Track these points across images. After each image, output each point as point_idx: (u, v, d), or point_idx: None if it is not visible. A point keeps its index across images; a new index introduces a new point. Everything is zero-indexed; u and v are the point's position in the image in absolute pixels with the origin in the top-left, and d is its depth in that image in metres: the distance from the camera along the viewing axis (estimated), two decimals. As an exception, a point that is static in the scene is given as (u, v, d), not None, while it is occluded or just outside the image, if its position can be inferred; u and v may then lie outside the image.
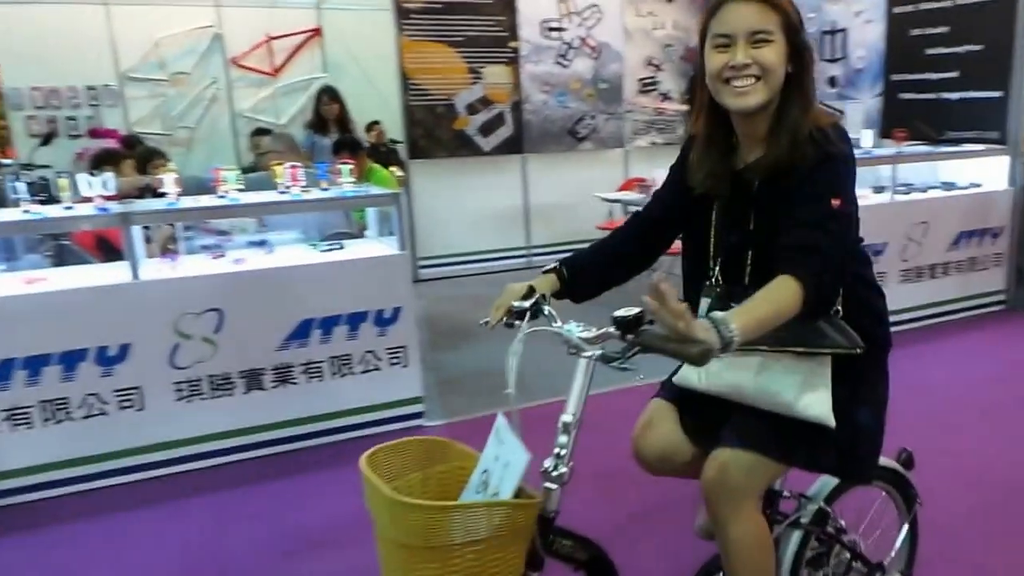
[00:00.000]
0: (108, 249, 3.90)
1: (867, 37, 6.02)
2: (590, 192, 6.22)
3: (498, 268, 6.64)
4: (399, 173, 5.97)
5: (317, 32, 7.09)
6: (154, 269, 3.36)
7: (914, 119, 5.56)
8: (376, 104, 6.84)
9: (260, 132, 6.31)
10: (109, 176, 3.23)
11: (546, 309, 1.67)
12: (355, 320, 3.56)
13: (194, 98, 6.68)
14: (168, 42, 6.49)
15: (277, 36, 6.90)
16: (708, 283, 1.71)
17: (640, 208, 1.92)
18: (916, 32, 5.55)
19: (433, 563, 1.30)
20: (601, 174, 6.82)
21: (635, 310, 1.53)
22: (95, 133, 6.27)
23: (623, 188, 6.39)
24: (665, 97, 7.44)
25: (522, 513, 1.36)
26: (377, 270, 3.63)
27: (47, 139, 6.24)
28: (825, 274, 1.47)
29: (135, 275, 3.22)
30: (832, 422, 1.62)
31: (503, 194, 6.96)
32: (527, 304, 1.68)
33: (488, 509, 1.33)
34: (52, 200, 3.40)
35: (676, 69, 7.43)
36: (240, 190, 3.58)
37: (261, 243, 3.94)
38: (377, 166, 5.52)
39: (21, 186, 3.26)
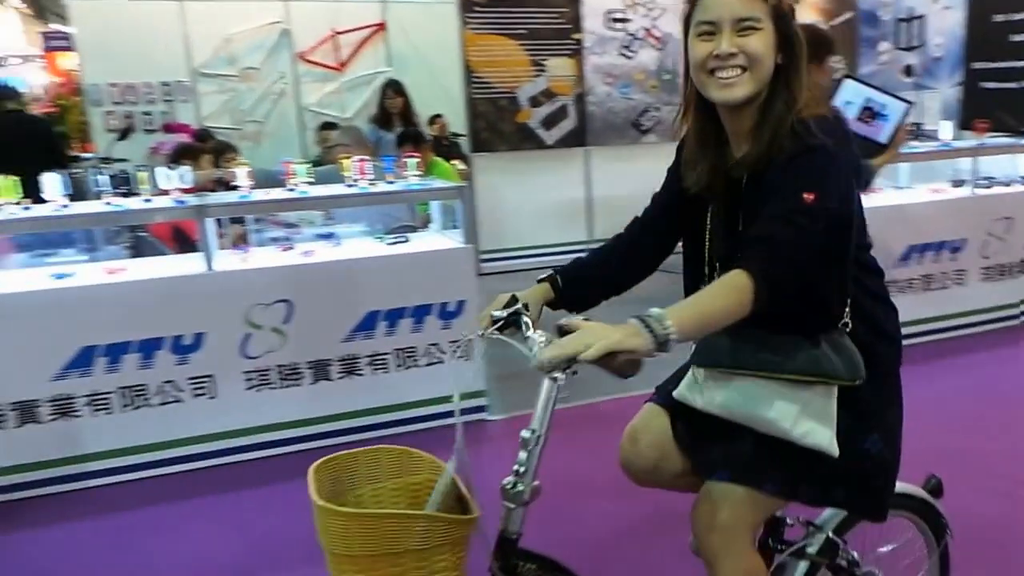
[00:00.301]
0: (183, 240, 3.99)
1: (946, 24, 5.78)
2: (654, 185, 6.02)
3: (560, 262, 6.55)
4: (460, 167, 5.96)
5: (382, 26, 7.12)
6: (227, 260, 3.42)
7: (996, 109, 5.31)
8: (439, 97, 6.84)
9: (327, 126, 6.37)
10: (186, 170, 3.30)
11: (525, 319, 1.57)
12: (420, 313, 3.57)
13: (263, 93, 6.77)
14: (238, 38, 6.59)
15: (343, 31, 6.95)
16: None
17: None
18: (999, 18, 5.30)
19: (358, 571, 1.26)
20: (665, 167, 6.66)
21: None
22: (169, 128, 6.41)
23: (687, 181, 6.25)
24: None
25: (443, 527, 1.28)
26: (442, 263, 3.63)
27: (124, 134, 6.42)
28: (782, 270, 1.34)
29: (209, 266, 3.28)
30: (835, 451, 1.49)
31: (565, 187, 6.89)
32: (503, 314, 1.60)
33: (401, 521, 1.27)
34: (131, 193, 3.49)
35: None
36: (309, 183, 3.61)
37: (328, 235, 3.97)
38: (439, 159, 5.53)
39: (104, 179, 3.35)
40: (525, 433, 1.32)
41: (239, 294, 3.28)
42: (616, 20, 6.78)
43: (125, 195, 3.45)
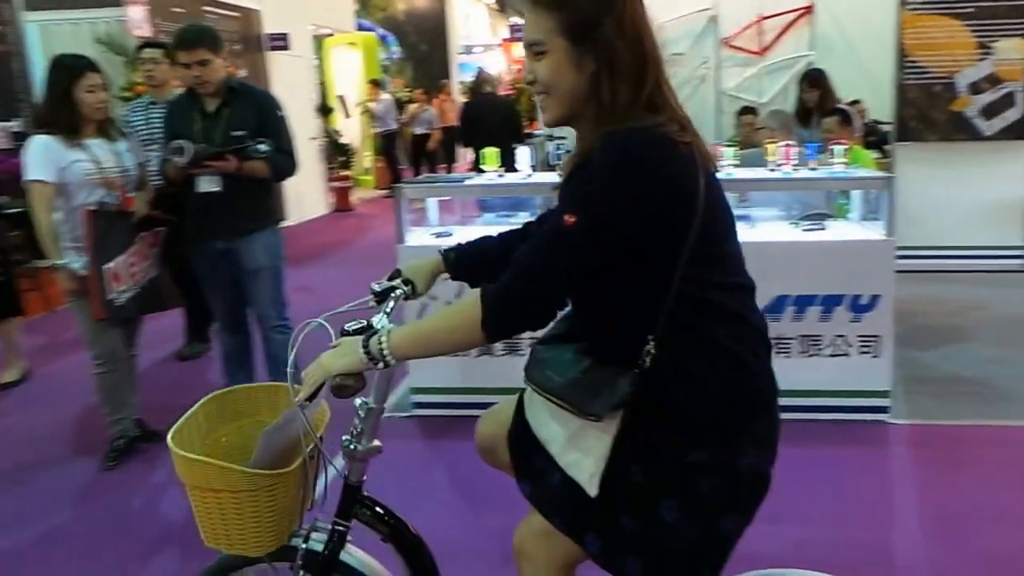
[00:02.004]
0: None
1: None
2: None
3: (990, 267, 5.72)
4: (875, 155, 5.47)
5: (809, 9, 6.79)
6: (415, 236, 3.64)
7: None
8: (862, 83, 6.33)
9: (746, 111, 6.31)
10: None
11: (397, 293, 1.60)
12: (830, 302, 3.41)
13: (686, 78, 6.93)
14: (670, 25, 6.81)
15: (769, 16, 6.78)
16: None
17: None
18: None
19: (205, 498, 1.44)
20: None
21: (363, 323, 1.43)
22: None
23: None
24: None
25: (246, 477, 1.41)
26: (858, 254, 3.42)
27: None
28: (513, 296, 1.24)
29: (401, 240, 3.51)
30: (593, 491, 1.31)
31: (1003, 185, 5.94)
32: (378, 288, 1.62)
33: (208, 467, 1.42)
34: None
35: None
36: (735, 165, 3.64)
37: (743, 217, 3.96)
38: (856, 146, 5.14)
39: (558, 152, 3.75)
40: (358, 403, 1.47)
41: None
42: (1101, -7, 5.60)
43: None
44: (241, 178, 3.22)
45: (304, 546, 1.54)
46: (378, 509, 1.59)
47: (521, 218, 3.92)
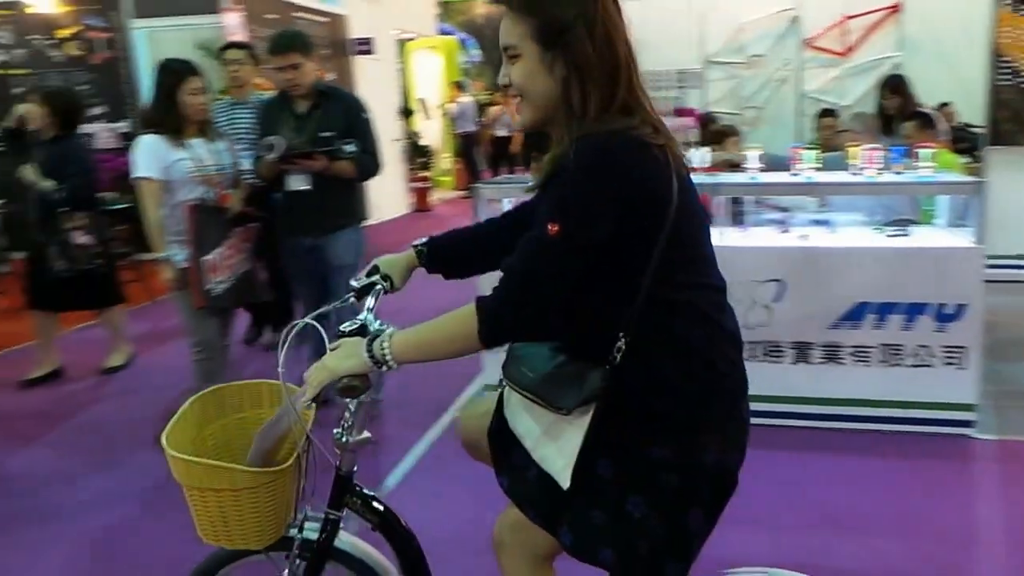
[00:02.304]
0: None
1: None
2: None
3: (1086, 280, 5.42)
4: (964, 160, 5.23)
5: (896, 8, 6.55)
6: (728, 236, 3.57)
7: None
8: (951, 85, 6.08)
9: (827, 113, 6.14)
10: (704, 151, 3.51)
11: (377, 289, 1.62)
12: (913, 311, 3.30)
13: (766, 79, 6.80)
14: (750, 27, 6.70)
15: (854, 15, 6.58)
16: None
17: None
18: None
19: (205, 497, 1.47)
20: None
21: (357, 323, 1.47)
22: (678, 112, 6.84)
23: None
24: None
25: (247, 475, 1.45)
26: (945, 262, 3.29)
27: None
28: (507, 303, 1.26)
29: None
30: (565, 483, 1.32)
31: (1107, 192, 5.61)
32: (358, 285, 1.64)
33: (207, 468, 1.45)
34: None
35: None
36: (816, 169, 3.56)
37: (823, 222, 3.87)
38: (943, 150, 4.92)
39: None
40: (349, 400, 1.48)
41: (736, 269, 3.39)
42: None
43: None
44: (329, 177, 3.35)
45: (300, 536, 1.59)
46: (369, 499, 1.63)
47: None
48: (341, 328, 1.47)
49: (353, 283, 1.66)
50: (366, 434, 1.54)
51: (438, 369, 4.42)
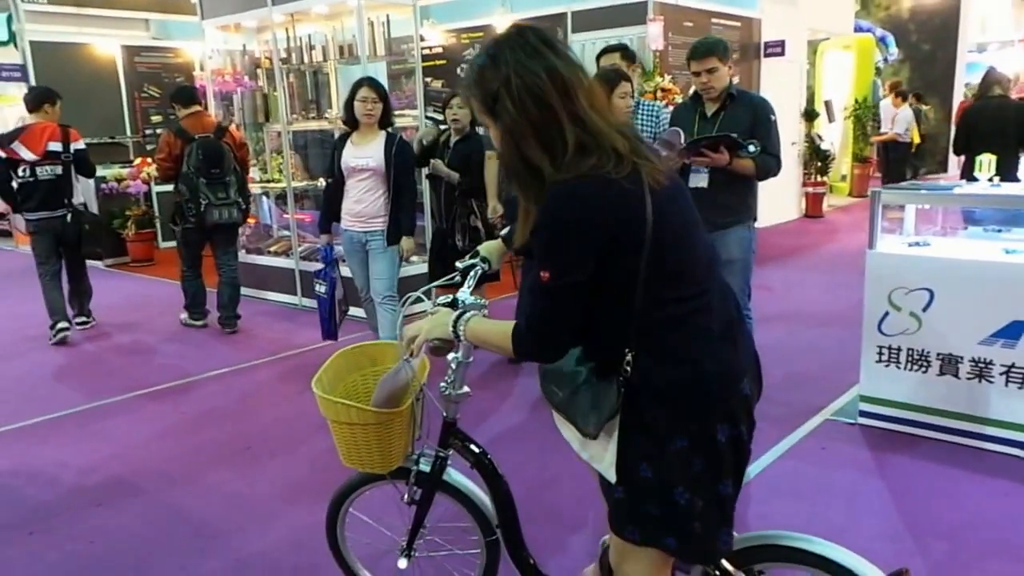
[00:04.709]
0: None
1: None
2: None
3: None
4: None
5: None
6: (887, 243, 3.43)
7: None
8: None
9: None
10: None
11: (475, 271, 1.86)
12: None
13: None
14: None
15: None
16: None
17: None
18: None
19: (342, 429, 1.86)
20: None
21: (451, 297, 1.76)
22: None
23: None
24: None
25: (369, 414, 1.81)
26: None
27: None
28: (531, 335, 1.46)
29: (872, 245, 3.39)
30: (613, 477, 1.50)
31: None
32: (462, 266, 1.87)
33: (339, 405, 1.83)
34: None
35: None
36: None
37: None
38: None
39: None
40: (451, 355, 1.77)
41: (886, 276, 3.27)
42: None
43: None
44: (727, 174, 3.46)
45: (415, 468, 1.94)
46: (467, 441, 1.94)
47: (1015, 234, 3.45)
48: (439, 300, 1.80)
49: (458, 264, 1.93)
50: (465, 389, 1.83)
51: (821, 372, 4.38)
